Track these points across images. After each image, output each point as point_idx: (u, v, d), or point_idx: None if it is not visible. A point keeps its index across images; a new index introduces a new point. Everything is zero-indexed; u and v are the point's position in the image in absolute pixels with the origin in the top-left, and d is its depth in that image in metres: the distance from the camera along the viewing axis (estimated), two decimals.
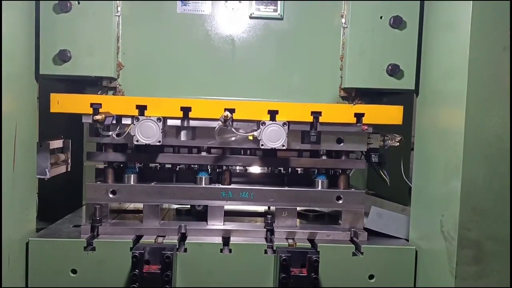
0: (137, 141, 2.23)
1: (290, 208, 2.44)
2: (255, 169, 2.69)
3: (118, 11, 2.27)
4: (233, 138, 2.37)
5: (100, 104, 2.25)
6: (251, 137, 2.30)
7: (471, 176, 1.88)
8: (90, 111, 2.24)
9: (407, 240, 2.37)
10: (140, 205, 2.54)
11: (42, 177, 2.37)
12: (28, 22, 2.19)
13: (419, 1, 2.29)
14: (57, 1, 2.18)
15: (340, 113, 2.33)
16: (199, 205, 2.51)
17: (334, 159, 2.51)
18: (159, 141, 2.25)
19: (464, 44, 1.89)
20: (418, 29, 2.30)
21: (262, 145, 2.28)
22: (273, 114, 2.29)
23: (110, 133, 2.27)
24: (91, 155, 2.43)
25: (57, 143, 2.58)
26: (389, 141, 2.47)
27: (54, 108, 2.25)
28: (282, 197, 2.43)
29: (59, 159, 2.62)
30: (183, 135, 2.40)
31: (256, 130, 2.30)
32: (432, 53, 2.21)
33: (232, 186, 2.47)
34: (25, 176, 2.20)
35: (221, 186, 2.45)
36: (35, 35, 2.22)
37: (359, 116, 2.33)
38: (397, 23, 2.26)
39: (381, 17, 2.28)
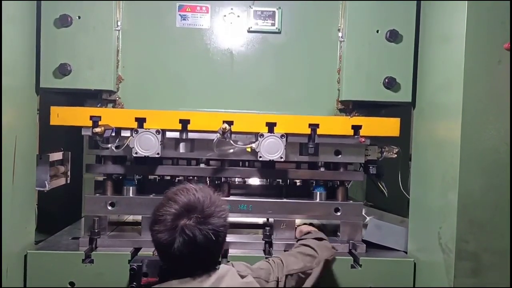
0: (136, 153, 2.25)
1: (289, 220, 2.44)
2: (254, 181, 2.70)
3: (118, 25, 2.30)
4: (231, 150, 2.37)
5: (100, 116, 2.26)
6: (249, 149, 2.31)
7: (468, 188, 1.89)
8: (90, 123, 2.26)
9: (406, 252, 2.37)
10: (139, 217, 2.54)
11: (42, 189, 2.38)
12: (29, 36, 2.22)
13: (414, 15, 2.31)
14: (58, 16, 2.22)
15: (338, 125, 2.34)
16: None
17: (332, 170, 2.52)
18: (158, 153, 2.26)
19: (459, 57, 1.91)
20: (414, 42, 2.32)
21: (260, 157, 2.29)
22: (271, 126, 2.31)
23: (109, 145, 2.27)
24: (90, 168, 2.44)
25: (56, 155, 2.59)
26: (387, 153, 2.48)
27: (54, 121, 2.27)
28: (281, 209, 2.43)
29: (58, 171, 2.63)
30: (182, 147, 2.40)
31: (254, 142, 2.32)
32: (428, 66, 2.24)
33: (231, 198, 2.47)
34: (25, 188, 2.21)
35: None
36: (36, 49, 2.25)
37: (356, 128, 2.34)
38: (393, 36, 2.29)
39: (377, 31, 2.31)
